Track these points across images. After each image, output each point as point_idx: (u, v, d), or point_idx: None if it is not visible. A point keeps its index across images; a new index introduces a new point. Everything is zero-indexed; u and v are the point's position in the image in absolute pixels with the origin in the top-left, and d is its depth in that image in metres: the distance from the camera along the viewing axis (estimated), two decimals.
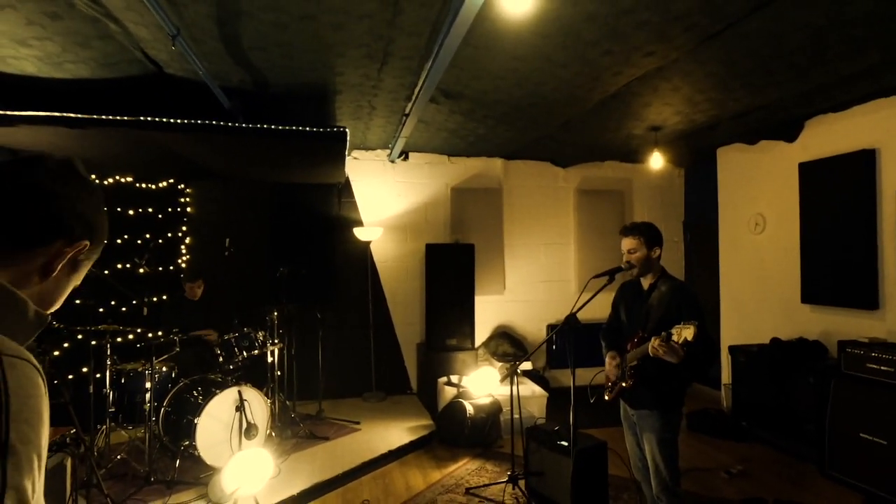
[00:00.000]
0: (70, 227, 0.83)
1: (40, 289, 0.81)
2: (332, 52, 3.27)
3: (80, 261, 0.87)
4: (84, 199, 0.87)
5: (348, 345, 6.15)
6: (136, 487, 3.78)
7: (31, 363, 0.69)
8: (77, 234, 0.84)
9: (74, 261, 0.85)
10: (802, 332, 4.95)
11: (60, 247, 0.82)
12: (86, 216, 0.86)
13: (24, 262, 0.79)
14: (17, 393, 0.64)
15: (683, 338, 2.41)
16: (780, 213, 5.38)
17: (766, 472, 4.33)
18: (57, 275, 0.83)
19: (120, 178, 5.41)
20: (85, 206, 0.86)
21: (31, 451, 0.64)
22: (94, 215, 0.88)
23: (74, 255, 0.84)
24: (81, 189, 0.87)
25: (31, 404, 0.66)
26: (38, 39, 3.02)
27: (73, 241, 0.84)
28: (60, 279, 0.84)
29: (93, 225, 0.87)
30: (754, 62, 3.43)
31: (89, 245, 0.86)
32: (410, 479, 4.30)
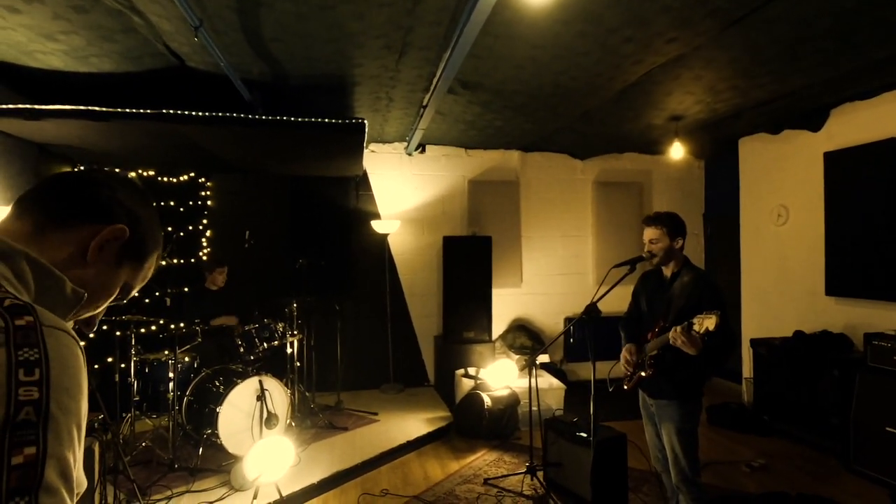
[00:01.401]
0: (110, 211, 0.85)
1: (80, 273, 0.82)
2: (352, 42, 3.28)
3: (125, 251, 0.87)
4: (129, 193, 0.89)
5: (366, 336, 6.19)
6: (161, 474, 3.86)
7: (70, 334, 0.69)
8: (116, 219, 0.85)
9: (117, 249, 0.85)
10: (826, 325, 4.86)
11: (97, 228, 0.83)
12: (127, 205, 0.87)
13: (62, 242, 0.81)
14: (58, 362, 0.64)
15: (705, 328, 2.38)
16: (803, 204, 5.28)
17: (788, 465, 4.28)
18: (96, 262, 0.83)
19: (143, 173, 5.49)
20: (128, 198, 0.88)
21: (70, 421, 0.63)
22: (138, 207, 0.89)
23: (113, 240, 0.84)
24: (129, 185, 0.90)
25: (70, 374, 0.66)
26: (64, 34, 3.07)
27: (113, 223, 0.84)
28: (101, 268, 0.84)
29: (135, 215, 0.88)
30: (779, 48, 3.36)
31: (128, 232, 0.85)
32: (429, 470, 4.32)
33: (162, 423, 4.51)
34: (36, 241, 0.78)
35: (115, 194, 0.86)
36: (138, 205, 0.89)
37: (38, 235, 0.79)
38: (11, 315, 0.63)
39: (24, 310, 0.65)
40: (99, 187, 0.86)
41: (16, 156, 4.13)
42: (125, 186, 0.90)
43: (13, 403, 0.58)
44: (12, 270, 0.73)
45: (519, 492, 3.88)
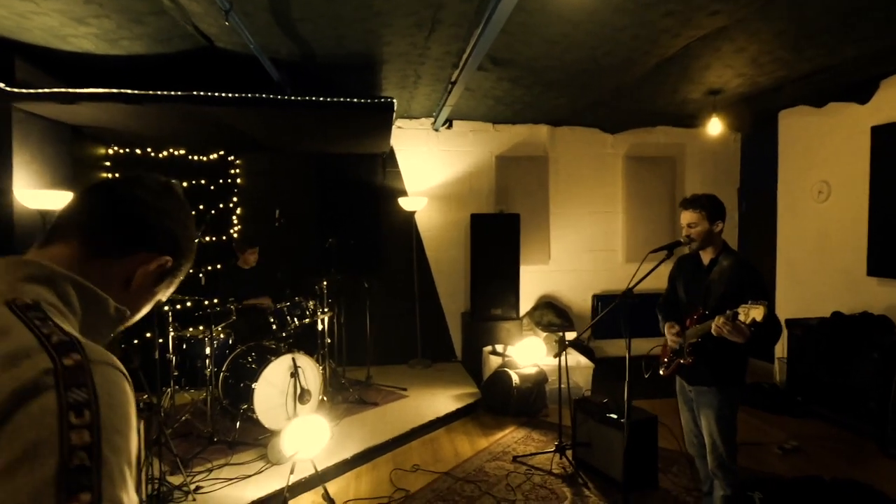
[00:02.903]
0: (155, 240, 0.85)
1: (122, 296, 0.83)
2: (380, 21, 3.21)
3: (163, 276, 0.88)
4: (174, 218, 0.89)
5: (394, 313, 6.25)
6: (201, 447, 4.01)
7: (118, 369, 0.69)
8: (161, 248, 0.86)
9: (158, 275, 0.87)
10: (867, 306, 4.72)
11: (144, 258, 0.84)
12: (173, 233, 0.88)
13: (108, 268, 0.82)
14: (107, 401, 0.64)
15: (752, 318, 2.32)
16: (846, 180, 5.07)
17: (821, 448, 4.22)
18: (139, 286, 0.85)
19: (174, 152, 5.55)
20: (174, 224, 0.88)
21: (122, 460, 0.63)
22: (182, 234, 0.90)
23: (157, 269, 0.85)
24: (174, 208, 0.89)
25: (120, 412, 0.66)
26: (95, 17, 3.07)
27: (158, 254, 0.85)
28: (142, 291, 0.86)
29: (179, 243, 0.89)
30: (830, 19, 3.17)
31: (171, 261, 0.87)
32: (458, 446, 4.40)
33: (200, 398, 4.66)
34: (81, 266, 0.79)
35: (160, 221, 0.87)
36: (179, 226, 0.90)
37: (83, 262, 0.80)
38: (59, 354, 0.63)
39: (72, 346, 0.65)
40: (145, 214, 0.86)
41: (51, 138, 4.20)
42: (168, 204, 0.89)
43: (66, 450, 0.58)
44: (58, 295, 0.74)
45: (548, 470, 3.92)
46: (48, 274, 0.75)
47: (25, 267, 0.75)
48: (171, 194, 0.91)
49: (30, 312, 0.67)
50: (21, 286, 0.71)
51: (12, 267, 0.74)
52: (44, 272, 0.75)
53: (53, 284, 0.74)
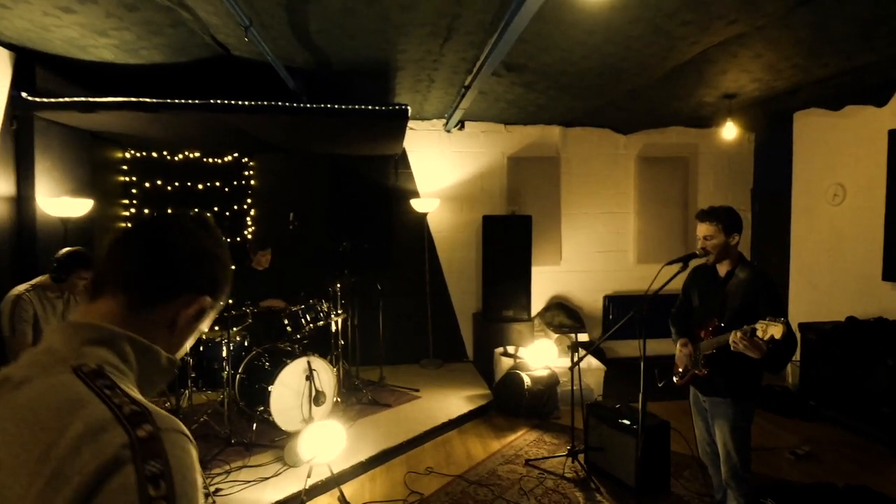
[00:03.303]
0: (197, 283, 0.88)
1: (168, 339, 0.87)
2: (397, 31, 3.22)
3: (204, 314, 0.91)
4: (212, 258, 0.91)
5: (406, 313, 6.29)
6: (219, 448, 4.07)
7: (183, 433, 0.73)
8: (201, 289, 0.89)
9: (198, 315, 0.90)
10: (882, 312, 4.70)
11: (186, 300, 0.87)
12: (212, 273, 0.91)
13: (152, 314, 0.85)
14: (178, 470, 0.68)
15: (770, 335, 2.33)
16: (862, 184, 5.03)
17: (834, 454, 4.22)
18: (182, 329, 0.89)
19: (189, 154, 5.60)
20: (211, 263, 0.91)
21: None
22: (220, 272, 0.92)
23: (197, 310, 0.89)
24: (212, 247, 0.92)
25: (190, 479, 0.69)
26: (116, 30, 3.11)
27: (198, 295, 0.88)
28: (185, 332, 0.90)
29: (218, 282, 0.92)
30: (852, 27, 3.14)
31: (211, 300, 0.90)
32: (471, 448, 4.44)
33: (217, 399, 4.73)
34: (130, 320, 0.83)
35: (199, 263, 0.89)
36: (217, 265, 0.93)
37: (131, 314, 0.83)
38: (133, 426, 0.67)
39: (143, 417, 0.69)
40: (184, 259, 0.88)
41: (71, 144, 4.26)
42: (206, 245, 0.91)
43: None
44: (117, 354, 0.79)
45: (560, 474, 3.95)
46: (106, 335, 0.79)
47: (85, 331, 0.79)
48: (206, 230, 0.93)
49: (98, 381, 0.71)
50: (84, 350, 0.76)
51: (73, 331, 0.79)
52: (102, 334, 0.79)
53: (112, 345, 0.78)
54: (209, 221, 0.94)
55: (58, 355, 0.75)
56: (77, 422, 0.65)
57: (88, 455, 0.63)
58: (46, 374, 0.72)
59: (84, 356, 0.75)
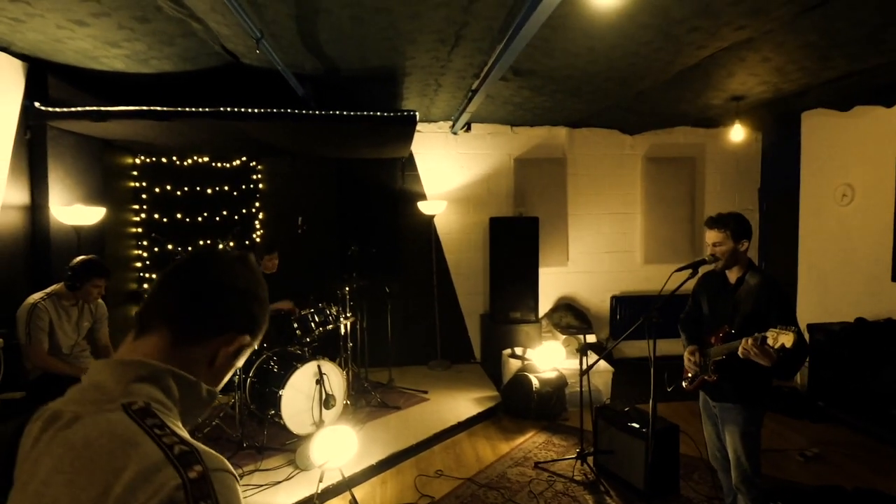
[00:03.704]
0: (238, 322, 0.92)
1: (208, 374, 0.91)
2: (405, 39, 3.24)
3: (242, 352, 0.95)
4: (253, 297, 0.95)
5: (414, 315, 6.33)
6: (232, 452, 4.12)
7: (230, 472, 0.77)
8: (243, 329, 0.93)
9: (237, 352, 0.94)
10: (891, 313, 4.69)
11: (228, 339, 0.91)
12: (252, 312, 0.95)
13: (195, 351, 0.89)
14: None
15: (780, 343, 2.34)
16: (871, 184, 5.01)
17: (843, 455, 4.22)
18: (221, 365, 0.92)
19: (198, 159, 5.64)
20: (252, 303, 0.95)
21: None
22: (259, 311, 0.96)
23: (237, 348, 0.93)
24: (251, 284, 0.95)
25: None
26: (127, 41, 3.15)
27: (238, 334, 0.92)
28: (224, 368, 0.94)
29: (257, 321, 0.96)
30: (861, 31, 3.13)
31: (249, 339, 0.94)
32: (480, 451, 4.47)
33: (228, 402, 4.78)
34: (174, 355, 0.87)
35: (240, 303, 0.93)
36: (256, 303, 0.96)
37: (174, 350, 0.87)
38: (184, 467, 0.71)
39: (193, 458, 0.73)
40: (227, 299, 0.92)
41: (83, 152, 4.30)
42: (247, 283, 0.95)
43: None
44: (163, 390, 0.83)
45: (570, 477, 3.97)
46: (153, 372, 0.83)
47: (133, 368, 0.82)
48: (246, 269, 0.96)
49: (148, 419, 0.75)
50: (132, 388, 0.80)
51: (121, 369, 0.82)
52: (149, 370, 0.83)
53: (158, 381, 0.83)
54: (250, 259, 0.98)
55: (107, 392, 0.79)
56: (132, 464, 0.69)
57: (144, 497, 0.66)
58: (98, 412, 0.76)
59: (133, 394, 0.79)
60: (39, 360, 3.21)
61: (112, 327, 3.86)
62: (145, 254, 5.47)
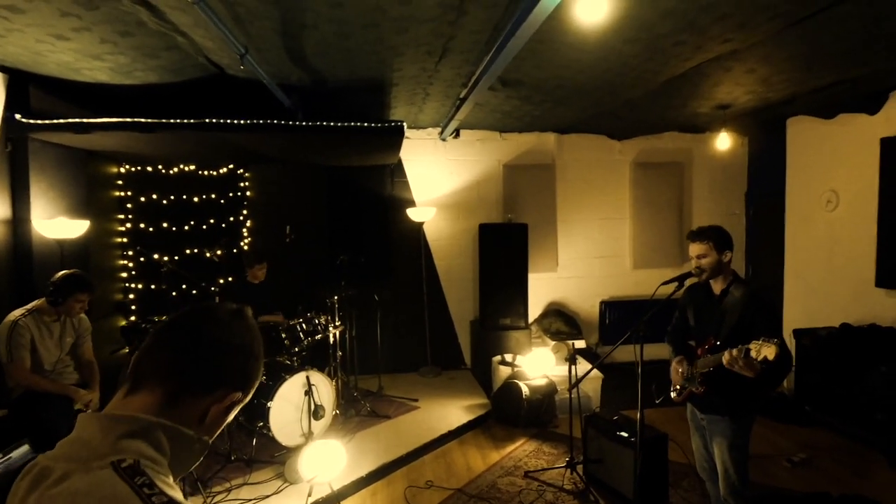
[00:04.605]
0: (232, 380, 0.92)
1: (196, 430, 0.91)
2: (393, 51, 3.22)
3: (234, 408, 0.95)
4: (248, 353, 0.95)
5: (404, 321, 6.31)
6: (220, 465, 4.08)
7: None
8: (236, 386, 0.93)
9: (229, 408, 0.93)
10: (875, 318, 4.75)
11: (220, 396, 0.91)
12: (246, 369, 0.95)
13: (187, 407, 0.89)
14: None
15: (763, 356, 2.35)
16: (855, 190, 5.07)
17: (829, 460, 4.27)
18: (212, 421, 0.92)
19: (184, 167, 5.58)
20: (247, 359, 0.95)
21: None
22: (253, 367, 0.96)
23: (229, 405, 0.92)
24: (247, 341, 0.95)
25: None
26: (110, 54, 3.11)
27: (231, 391, 0.92)
28: (215, 424, 0.93)
29: (251, 378, 0.96)
30: (846, 44, 3.17)
31: (242, 395, 0.94)
32: (470, 459, 4.47)
33: None
34: (168, 410, 0.87)
35: (235, 361, 0.93)
36: (251, 360, 0.96)
37: (167, 406, 0.87)
38: None
39: None
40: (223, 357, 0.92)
41: (66, 163, 4.24)
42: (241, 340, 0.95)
43: None
44: (152, 445, 0.82)
45: (560, 486, 3.98)
46: (143, 427, 0.82)
47: (122, 424, 0.82)
48: (243, 325, 0.96)
49: (137, 478, 0.75)
50: (121, 444, 0.79)
51: (110, 424, 0.81)
52: (139, 425, 0.82)
53: (147, 436, 0.82)
54: (246, 314, 0.98)
55: (95, 449, 0.78)
56: None
57: None
58: (86, 470, 0.75)
59: (122, 451, 0.78)
60: (22, 378, 3.16)
61: (97, 340, 3.82)
62: (131, 264, 5.41)
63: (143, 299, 5.43)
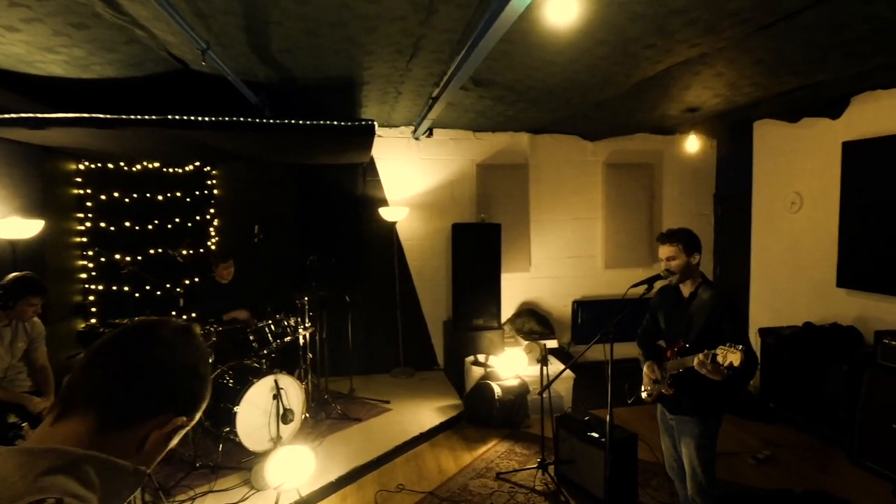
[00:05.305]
0: (175, 403, 0.85)
1: (133, 459, 0.83)
2: (362, 50, 3.16)
3: (176, 433, 0.88)
4: (193, 374, 0.87)
5: (377, 322, 6.24)
6: (184, 473, 3.96)
7: None
8: (180, 410, 0.85)
9: (171, 434, 0.86)
10: (836, 317, 4.88)
11: (162, 421, 0.83)
12: (192, 391, 0.87)
13: (123, 437, 0.81)
14: None
15: (729, 362, 2.39)
16: (818, 193, 5.20)
17: (793, 457, 4.37)
18: (152, 448, 0.84)
19: (148, 165, 5.40)
20: (193, 380, 0.87)
21: None
22: (200, 389, 0.89)
23: (171, 431, 0.85)
24: (194, 361, 0.88)
25: None
26: (65, 47, 2.97)
27: (174, 415, 0.85)
28: (155, 452, 0.86)
29: (197, 400, 0.88)
30: (809, 51, 3.23)
31: (186, 420, 0.87)
32: (442, 462, 4.44)
33: None
34: (100, 439, 0.79)
35: (179, 383, 0.86)
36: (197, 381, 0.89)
37: (100, 435, 0.79)
38: None
39: None
40: (164, 379, 0.84)
41: (20, 160, 4.05)
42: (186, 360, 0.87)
43: None
44: (79, 480, 0.74)
45: (531, 487, 3.99)
46: (68, 461, 0.74)
47: (44, 459, 0.73)
48: (189, 342, 0.89)
49: None
50: (42, 481, 0.71)
51: (30, 459, 0.73)
52: (64, 460, 0.74)
53: (73, 471, 0.74)
54: (193, 331, 0.90)
55: (13, 488, 0.70)
56: None
57: None
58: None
59: (43, 489, 0.70)
60: None
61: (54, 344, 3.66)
62: (91, 264, 5.21)
63: (104, 301, 5.24)
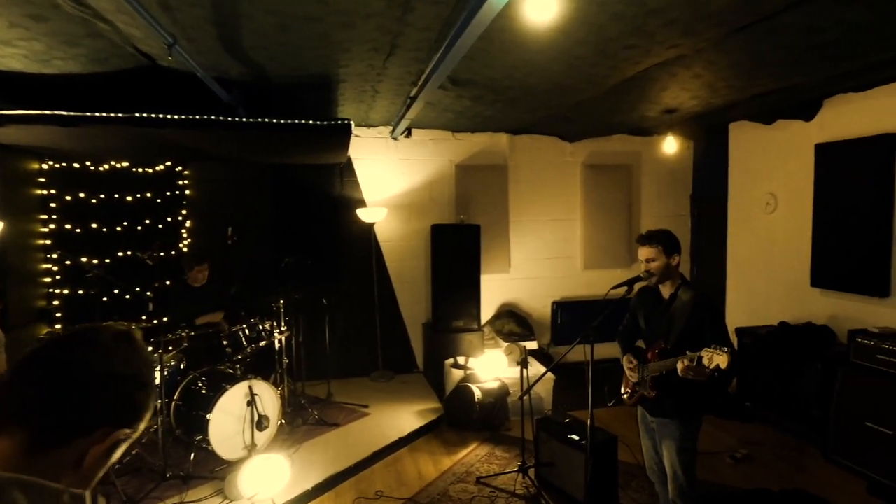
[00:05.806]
0: (115, 415, 0.78)
1: (74, 476, 0.76)
2: (338, 48, 3.08)
3: (116, 448, 0.80)
4: (133, 382, 0.80)
5: (355, 325, 6.15)
6: (154, 484, 3.82)
7: None
8: (121, 422, 0.78)
9: (112, 449, 0.79)
10: (811, 316, 4.95)
11: (101, 436, 0.76)
12: (132, 400, 0.80)
13: (58, 455, 0.74)
14: None
15: (715, 364, 2.38)
16: (792, 194, 5.27)
17: (770, 455, 4.41)
18: (90, 466, 0.77)
19: (116, 164, 5.22)
20: (133, 391, 0.80)
21: None
22: (143, 399, 0.82)
23: (111, 446, 0.78)
24: (135, 369, 0.81)
25: None
26: (23, 40, 2.82)
27: (115, 428, 0.77)
28: (94, 468, 0.78)
29: (140, 410, 0.82)
30: (785, 54, 3.25)
31: (129, 432, 0.80)
32: (422, 467, 4.37)
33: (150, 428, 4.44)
34: (28, 461, 0.71)
35: (117, 392, 0.78)
36: (138, 388, 0.81)
37: (29, 457, 0.72)
38: None
39: None
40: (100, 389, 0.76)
41: None
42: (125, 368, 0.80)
43: None
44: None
45: (512, 491, 3.95)
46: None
47: None
48: (130, 348, 0.81)
49: None
50: None
51: None
52: None
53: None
54: (133, 335, 0.82)
55: None
56: None
57: None
58: None
59: None
60: None
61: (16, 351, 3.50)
62: (55, 267, 5.01)
63: (70, 306, 5.04)
